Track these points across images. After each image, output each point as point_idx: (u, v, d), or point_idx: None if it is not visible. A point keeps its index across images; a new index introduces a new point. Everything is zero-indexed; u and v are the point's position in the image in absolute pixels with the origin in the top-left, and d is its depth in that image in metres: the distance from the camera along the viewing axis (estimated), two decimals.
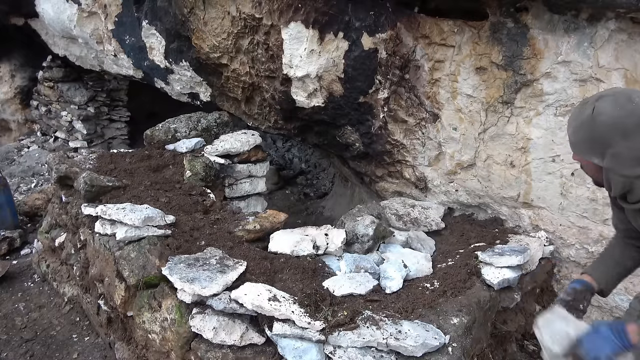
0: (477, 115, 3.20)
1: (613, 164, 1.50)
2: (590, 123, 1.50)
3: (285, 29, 3.31)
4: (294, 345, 2.06)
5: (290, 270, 2.51)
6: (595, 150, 1.52)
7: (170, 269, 2.38)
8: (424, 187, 3.69)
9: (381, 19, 3.20)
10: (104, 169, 3.46)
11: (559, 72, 2.82)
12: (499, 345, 2.74)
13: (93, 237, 2.94)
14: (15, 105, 7.35)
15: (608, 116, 1.47)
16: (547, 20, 2.77)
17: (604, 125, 1.47)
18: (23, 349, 3.06)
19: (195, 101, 4.61)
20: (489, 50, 3.00)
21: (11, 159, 6.70)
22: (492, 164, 3.26)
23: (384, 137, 3.62)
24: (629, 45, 2.63)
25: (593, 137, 1.51)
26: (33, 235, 4.42)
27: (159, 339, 2.45)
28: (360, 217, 2.93)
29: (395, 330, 2.07)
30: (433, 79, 3.29)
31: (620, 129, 1.45)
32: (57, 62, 6.42)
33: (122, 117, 6.76)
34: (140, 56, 4.53)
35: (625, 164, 1.48)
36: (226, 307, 2.19)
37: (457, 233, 3.26)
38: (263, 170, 4.00)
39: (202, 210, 3.14)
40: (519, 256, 2.67)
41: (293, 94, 3.59)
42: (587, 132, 1.52)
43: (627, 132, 1.45)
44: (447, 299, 2.39)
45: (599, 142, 1.50)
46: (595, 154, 1.53)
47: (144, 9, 4.20)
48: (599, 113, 1.48)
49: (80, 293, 3.29)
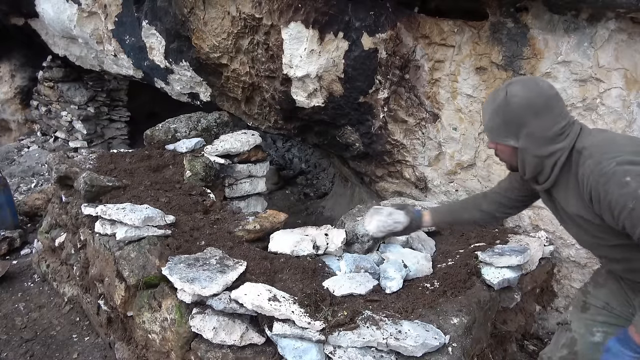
0: (477, 115, 3.21)
1: (527, 143, 1.62)
2: (505, 106, 1.61)
3: (285, 29, 3.31)
4: (294, 345, 2.06)
5: (290, 270, 2.51)
6: (511, 132, 1.63)
7: (170, 269, 2.38)
8: (424, 187, 3.69)
9: (381, 19, 3.20)
10: (104, 169, 3.46)
11: (559, 72, 2.82)
12: (499, 345, 2.74)
13: (93, 237, 2.94)
14: (15, 105, 7.35)
15: (520, 97, 1.58)
16: (547, 20, 2.77)
17: (517, 105, 1.59)
18: (23, 349, 3.06)
19: (195, 101, 4.61)
20: (489, 50, 3.00)
21: (11, 159, 6.70)
22: (492, 164, 3.26)
23: (384, 137, 3.62)
24: (629, 45, 2.63)
25: (508, 119, 1.62)
26: (33, 235, 4.42)
27: (159, 339, 2.45)
28: (360, 217, 2.93)
29: (395, 330, 2.07)
30: (433, 79, 3.29)
31: (532, 109, 1.57)
32: (57, 62, 6.42)
33: (122, 117, 6.76)
34: (140, 56, 4.53)
35: (538, 142, 1.60)
36: (226, 307, 2.19)
37: (457, 233, 3.25)
38: (263, 170, 4.00)
39: (202, 210, 3.14)
40: (519, 256, 2.67)
41: (293, 94, 3.59)
42: (502, 115, 1.63)
43: (538, 111, 1.57)
44: (447, 299, 2.38)
45: (514, 123, 1.61)
46: (510, 136, 1.64)
47: (144, 9, 4.21)
48: (512, 95, 1.60)
49: (80, 293, 3.29)
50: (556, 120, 1.58)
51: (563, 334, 1.95)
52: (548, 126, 1.58)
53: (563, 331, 1.96)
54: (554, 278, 3.22)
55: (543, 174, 1.67)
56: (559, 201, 1.70)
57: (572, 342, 1.89)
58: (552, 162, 1.61)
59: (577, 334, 1.89)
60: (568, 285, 3.18)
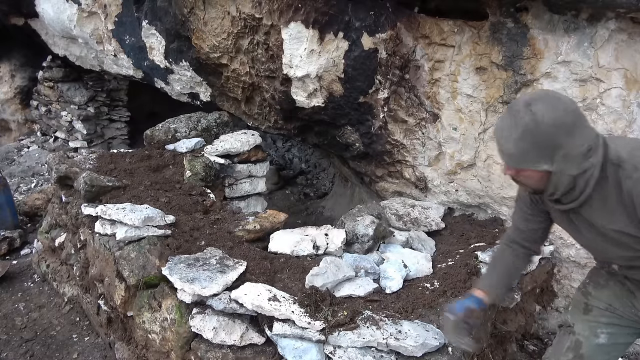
0: (477, 115, 3.20)
1: (564, 164, 1.49)
2: (535, 128, 1.45)
3: (285, 29, 3.31)
4: (294, 345, 2.06)
5: (290, 270, 2.51)
6: (545, 156, 1.48)
7: (170, 269, 2.38)
8: (424, 187, 3.69)
9: (381, 19, 3.20)
10: (104, 169, 3.46)
11: (559, 72, 2.82)
12: (499, 345, 2.74)
13: (93, 237, 2.94)
14: (15, 105, 7.35)
15: (550, 117, 1.44)
16: (547, 20, 2.77)
17: (549, 126, 1.44)
18: (23, 349, 3.06)
19: (195, 101, 4.61)
20: (489, 50, 3.00)
21: (11, 159, 6.70)
22: (492, 164, 3.26)
23: (384, 137, 3.62)
24: (629, 45, 2.63)
25: (540, 143, 1.47)
26: (33, 235, 4.42)
27: (159, 339, 2.45)
28: (360, 217, 2.93)
29: (395, 330, 2.07)
30: (433, 79, 3.29)
31: (564, 128, 1.44)
32: (57, 62, 6.42)
33: (122, 117, 6.76)
34: (140, 56, 4.53)
35: (574, 162, 1.48)
36: (226, 307, 2.20)
37: (457, 233, 3.26)
38: (263, 170, 4.00)
39: (202, 210, 3.14)
40: None
41: (293, 94, 3.59)
42: (533, 139, 1.47)
43: (570, 130, 1.45)
44: (447, 299, 2.39)
45: (548, 145, 1.47)
46: (544, 160, 1.49)
47: (144, 9, 4.21)
48: (541, 116, 1.45)
49: (80, 293, 3.29)
50: (586, 136, 1.47)
51: (566, 337, 1.90)
52: (581, 143, 1.46)
53: (566, 334, 1.90)
54: (554, 278, 3.22)
55: (573, 193, 1.55)
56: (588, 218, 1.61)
57: (577, 345, 1.85)
58: (585, 179, 1.50)
59: (582, 337, 1.84)
60: (568, 285, 3.18)
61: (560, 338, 1.94)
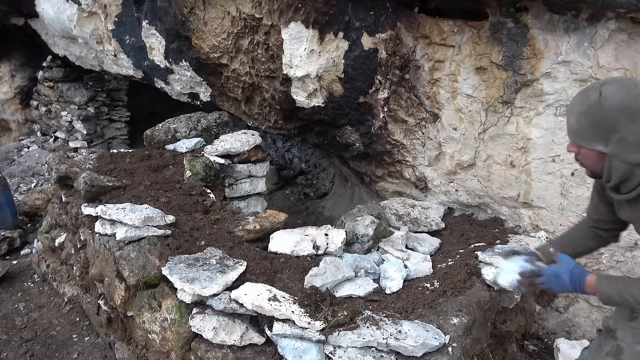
0: (477, 115, 3.21)
1: (618, 149, 1.50)
2: (598, 107, 1.49)
3: (285, 29, 3.31)
4: (294, 345, 2.06)
5: (290, 270, 2.51)
6: (601, 135, 1.51)
7: (170, 269, 2.38)
8: (424, 187, 3.69)
9: (381, 19, 3.20)
10: (104, 169, 3.46)
11: (559, 72, 2.82)
12: (499, 345, 2.74)
13: (93, 237, 2.94)
14: (15, 105, 7.35)
15: (616, 99, 1.47)
16: (547, 20, 2.77)
17: (611, 108, 1.47)
18: (23, 349, 3.06)
19: (195, 101, 4.61)
20: (489, 50, 3.00)
21: (11, 159, 6.70)
22: (492, 164, 3.26)
23: (384, 137, 3.62)
24: (629, 45, 2.63)
25: (599, 121, 1.50)
26: (33, 235, 4.42)
27: (159, 339, 2.45)
28: (360, 217, 2.92)
29: (395, 330, 2.07)
30: (433, 79, 3.29)
31: (627, 112, 1.46)
32: (57, 62, 6.42)
33: (122, 117, 6.76)
34: (140, 56, 4.53)
35: (630, 148, 1.48)
36: (226, 307, 2.19)
37: (457, 233, 3.25)
38: (263, 170, 4.00)
39: (202, 210, 3.14)
40: None
41: (293, 94, 3.59)
42: (593, 117, 1.51)
43: (634, 115, 1.46)
44: (447, 299, 2.38)
45: (605, 126, 1.49)
46: (600, 140, 1.52)
47: (144, 9, 4.21)
48: (606, 97, 1.48)
49: (80, 293, 3.29)
50: None
51: (607, 341, 1.87)
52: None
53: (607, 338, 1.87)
54: None
55: (630, 183, 1.55)
56: None
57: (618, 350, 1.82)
58: None
59: (624, 343, 1.81)
60: None
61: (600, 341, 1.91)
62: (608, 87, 1.50)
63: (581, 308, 3.13)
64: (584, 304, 3.13)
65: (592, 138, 1.54)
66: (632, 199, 1.59)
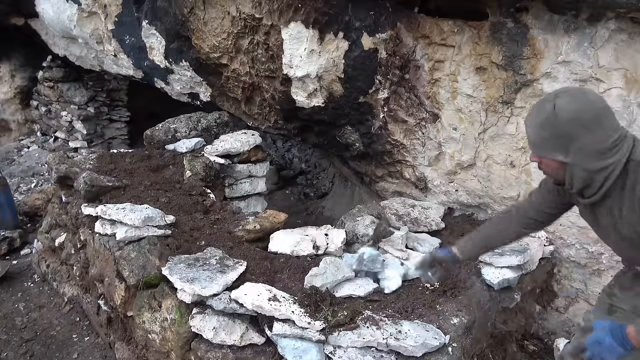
0: (477, 115, 3.20)
1: (578, 157, 1.55)
2: (553, 119, 1.54)
3: (285, 29, 3.31)
4: (294, 345, 2.06)
5: (290, 270, 2.51)
6: (560, 146, 1.56)
7: (170, 269, 2.38)
8: (424, 187, 3.69)
9: (381, 19, 3.20)
10: (104, 169, 3.46)
11: (559, 72, 2.82)
12: (499, 345, 2.74)
13: (93, 237, 2.94)
14: (15, 105, 7.35)
15: (570, 111, 1.51)
16: (547, 20, 2.77)
17: (566, 120, 1.52)
18: (23, 349, 3.06)
19: (195, 101, 4.61)
20: (489, 50, 3.00)
21: (11, 159, 6.70)
22: (492, 164, 3.26)
23: (384, 137, 3.62)
24: (629, 45, 2.63)
25: (556, 133, 1.55)
26: (33, 235, 4.42)
27: (159, 339, 2.45)
28: (360, 217, 2.93)
29: (395, 330, 2.07)
30: (433, 79, 3.29)
31: (581, 122, 1.51)
32: (57, 62, 6.42)
33: (122, 117, 6.76)
34: (140, 56, 4.53)
35: (588, 156, 1.53)
36: (226, 307, 2.20)
37: (457, 233, 3.25)
38: (263, 170, 4.00)
39: (202, 210, 3.14)
40: (519, 256, 2.67)
41: (293, 94, 3.59)
42: (550, 129, 1.55)
43: (588, 125, 1.50)
44: (447, 299, 2.39)
45: (562, 137, 1.54)
46: (559, 150, 1.57)
47: (144, 9, 4.20)
48: (560, 109, 1.52)
49: (80, 293, 3.29)
50: (607, 134, 1.51)
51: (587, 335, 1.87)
52: (599, 140, 1.51)
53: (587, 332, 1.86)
54: (554, 278, 3.22)
55: (591, 188, 1.60)
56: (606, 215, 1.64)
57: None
58: (603, 176, 1.55)
59: None
60: (568, 285, 3.18)
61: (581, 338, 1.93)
62: (561, 100, 1.54)
63: (581, 308, 3.13)
64: (584, 304, 3.13)
65: (552, 149, 1.58)
66: (594, 203, 1.64)
